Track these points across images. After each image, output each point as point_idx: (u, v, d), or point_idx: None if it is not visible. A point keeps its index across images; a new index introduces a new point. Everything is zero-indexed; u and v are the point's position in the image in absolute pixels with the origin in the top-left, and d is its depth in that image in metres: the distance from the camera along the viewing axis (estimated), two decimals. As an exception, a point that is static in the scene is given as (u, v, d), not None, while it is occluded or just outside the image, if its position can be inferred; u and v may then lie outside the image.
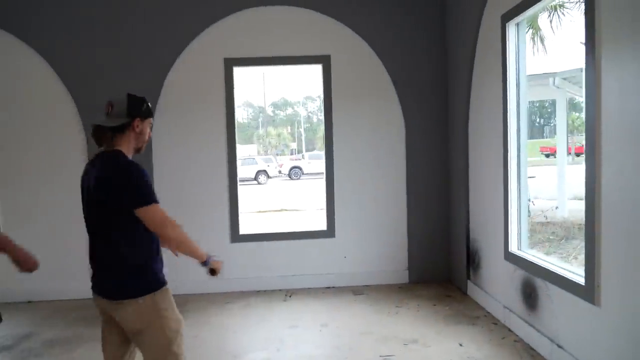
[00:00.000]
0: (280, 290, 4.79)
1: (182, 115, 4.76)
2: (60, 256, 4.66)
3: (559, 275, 2.90)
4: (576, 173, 8.84)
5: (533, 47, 6.89)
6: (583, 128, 2.68)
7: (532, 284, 3.26)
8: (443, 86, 4.85)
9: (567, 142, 9.21)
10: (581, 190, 2.61)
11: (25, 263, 2.03)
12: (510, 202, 3.56)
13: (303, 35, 4.78)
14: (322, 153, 5.17)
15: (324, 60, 4.80)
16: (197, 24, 4.69)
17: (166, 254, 2.05)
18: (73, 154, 4.65)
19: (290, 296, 4.62)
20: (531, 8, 3.27)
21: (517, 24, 3.51)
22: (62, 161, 4.68)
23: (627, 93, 2.28)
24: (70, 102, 4.66)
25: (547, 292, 3.05)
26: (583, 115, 2.74)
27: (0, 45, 4.59)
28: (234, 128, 4.81)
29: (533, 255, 3.35)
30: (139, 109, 2.02)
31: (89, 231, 2.02)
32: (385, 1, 4.75)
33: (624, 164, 2.31)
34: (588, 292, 2.56)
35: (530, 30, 6.82)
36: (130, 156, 2.00)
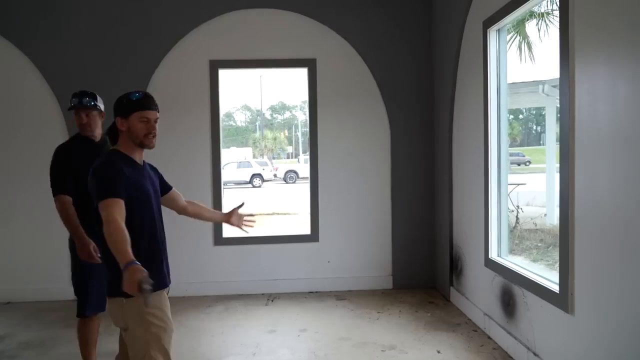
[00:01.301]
0: (262, 294, 4.76)
1: (166, 116, 4.65)
2: (41, 257, 4.62)
3: (535, 282, 2.88)
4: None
5: (521, 55, 6.91)
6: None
7: (511, 291, 3.24)
8: (428, 91, 4.84)
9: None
10: None
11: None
12: (490, 209, 3.55)
13: (289, 38, 4.77)
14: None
15: (310, 64, 4.79)
16: (182, 25, 4.68)
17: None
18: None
19: (272, 300, 4.58)
20: (512, 14, 3.26)
21: (499, 30, 3.51)
22: (44, 163, 4.63)
23: (599, 101, 2.27)
24: (54, 103, 4.63)
25: (525, 299, 3.03)
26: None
27: (-17, 43, 4.57)
28: (219, 130, 4.79)
29: (511, 262, 3.33)
30: (118, 108, 2.09)
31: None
32: (371, 5, 4.75)
33: (597, 172, 2.30)
34: (562, 300, 2.54)
35: (518, 38, 6.83)
36: (135, 154, 2.12)
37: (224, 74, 4.86)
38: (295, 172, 25.35)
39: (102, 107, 3.05)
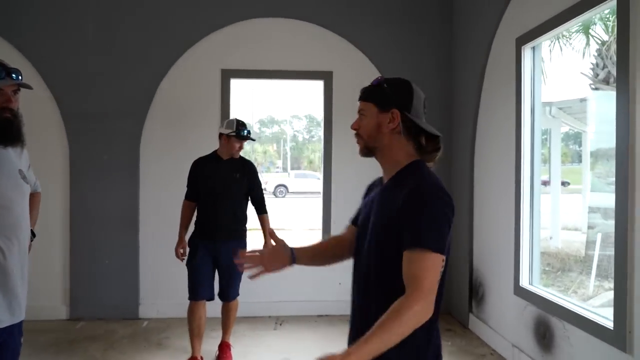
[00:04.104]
0: (269, 316, 4.48)
1: (173, 125, 4.49)
2: (32, 272, 4.28)
3: (580, 315, 2.69)
4: (565, 203, 8.79)
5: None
6: (569, 159, 2.52)
7: (547, 322, 3.04)
8: (447, 109, 4.69)
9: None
10: (570, 220, 2.44)
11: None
12: (522, 234, 3.36)
13: (305, 49, 4.59)
14: (307, 172, 4.92)
15: (326, 77, 4.60)
16: (194, 32, 4.47)
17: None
18: (55, 162, 4.34)
19: (280, 324, 4.31)
20: (549, 32, 3.14)
21: (534, 48, 3.38)
22: (44, 173, 4.34)
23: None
24: (54, 109, 4.35)
25: (565, 333, 2.83)
26: (576, 146, 2.59)
27: (-19, 43, 4.29)
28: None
29: (548, 292, 3.14)
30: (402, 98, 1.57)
31: None
32: (390, 19, 4.61)
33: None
34: (618, 338, 2.35)
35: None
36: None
37: (234, 85, 4.65)
38: (285, 187, 25.09)
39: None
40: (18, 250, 1.79)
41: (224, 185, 3.31)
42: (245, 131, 3.32)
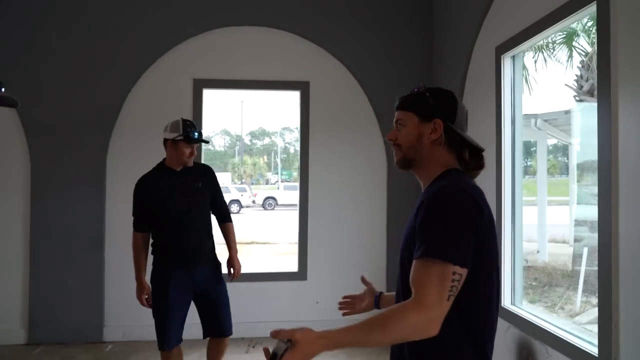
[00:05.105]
0: (242, 338, 4.25)
1: (142, 137, 4.28)
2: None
3: (564, 340, 2.51)
4: (550, 215, 8.68)
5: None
6: (557, 170, 2.37)
7: (530, 346, 2.85)
8: (428, 120, 4.55)
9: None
10: (556, 233, 2.29)
11: None
12: (503, 251, 3.20)
13: (281, 59, 4.44)
14: (297, 184, 4.74)
15: (303, 87, 4.45)
16: (165, 40, 4.30)
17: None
18: (15, 177, 4.11)
19: (253, 347, 4.09)
20: (528, 41, 3.01)
21: (513, 57, 3.25)
22: (1, 185, 4.12)
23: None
24: (15, 120, 4.13)
25: (549, 358, 2.65)
26: (564, 158, 2.44)
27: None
28: (200, 154, 4.36)
29: (530, 313, 2.96)
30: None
31: None
32: (368, 28, 4.48)
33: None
34: (603, 365, 2.17)
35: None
36: None
37: (207, 95, 4.48)
38: (274, 199, 24.87)
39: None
40: None
41: (188, 201, 2.75)
42: (195, 133, 2.77)
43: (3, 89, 1.68)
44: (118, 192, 4.20)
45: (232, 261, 3.00)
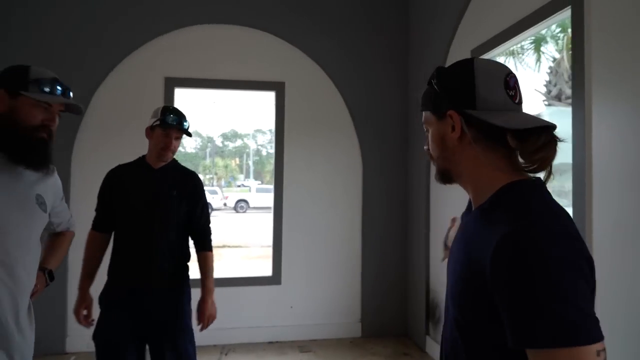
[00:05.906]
0: (214, 345, 4.13)
1: (110, 137, 4.11)
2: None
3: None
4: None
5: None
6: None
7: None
8: (404, 120, 4.55)
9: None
10: None
11: None
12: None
13: (256, 58, 4.36)
14: (269, 187, 4.65)
15: (278, 87, 4.38)
16: (135, 36, 4.15)
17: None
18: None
19: (226, 354, 3.97)
20: (503, 44, 3.04)
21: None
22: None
23: (622, 133, 2.00)
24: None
25: None
26: None
27: None
28: (172, 156, 4.22)
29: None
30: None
31: None
32: (345, 29, 4.45)
33: (620, 209, 2.00)
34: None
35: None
36: None
37: (179, 95, 4.35)
38: (246, 202, 24.63)
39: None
40: (8, 289, 1.43)
41: (154, 203, 2.21)
42: (173, 117, 2.27)
43: (71, 94, 1.63)
44: (83, 194, 4.00)
45: (203, 305, 2.31)
